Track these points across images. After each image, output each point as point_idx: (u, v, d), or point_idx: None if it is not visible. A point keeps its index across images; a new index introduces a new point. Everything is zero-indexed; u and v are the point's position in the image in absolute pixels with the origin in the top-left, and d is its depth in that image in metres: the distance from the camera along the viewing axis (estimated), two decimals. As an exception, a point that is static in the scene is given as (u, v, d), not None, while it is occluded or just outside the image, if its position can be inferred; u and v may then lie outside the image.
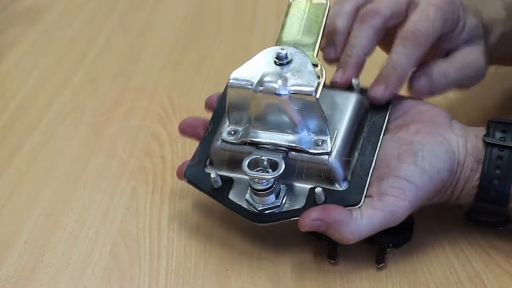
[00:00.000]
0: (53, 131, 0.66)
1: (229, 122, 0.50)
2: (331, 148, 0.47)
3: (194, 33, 0.84)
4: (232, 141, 0.49)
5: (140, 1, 0.94)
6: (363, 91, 0.52)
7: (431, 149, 0.47)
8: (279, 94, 0.46)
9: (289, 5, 0.53)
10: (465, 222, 0.51)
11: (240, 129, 0.49)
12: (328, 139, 0.47)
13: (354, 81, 0.51)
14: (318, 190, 0.46)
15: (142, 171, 0.59)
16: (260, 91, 0.46)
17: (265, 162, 0.46)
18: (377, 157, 0.48)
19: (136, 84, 0.74)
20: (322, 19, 0.51)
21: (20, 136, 0.65)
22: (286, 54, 0.47)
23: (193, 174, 0.50)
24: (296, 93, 0.46)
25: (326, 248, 0.49)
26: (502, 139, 0.47)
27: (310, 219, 0.45)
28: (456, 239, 0.51)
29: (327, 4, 0.52)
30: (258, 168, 0.46)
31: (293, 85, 0.46)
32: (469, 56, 0.53)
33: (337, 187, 0.47)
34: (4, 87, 0.74)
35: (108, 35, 0.85)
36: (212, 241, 0.51)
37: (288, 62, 0.47)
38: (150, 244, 0.51)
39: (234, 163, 0.49)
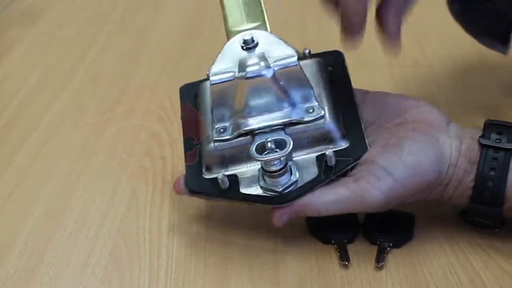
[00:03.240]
0: (53, 131, 0.66)
1: (214, 121, 0.49)
2: (324, 110, 0.48)
3: (194, 33, 0.84)
4: (227, 137, 0.48)
5: (140, 1, 0.94)
6: (314, 56, 0.53)
7: (420, 147, 0.47)
8: (264, 75, 0.46)
9: None
10: (465, 223, 0.51)
11: (227, 124, 0.49)
12: (316, 103, 0.48)
13: (305, 50, 0.52)
14: (329, 152, 0.47)
15: (142, 171, 0.59)
16: (246, 78, 0.46)
17: (271, 144, 0.46)
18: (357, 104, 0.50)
19: (136, 84, 0.74)
20: None
21: (20, 136, 0.65)
22: (252, 38, 0.47)
23: (194, 184, 0.49)
24: (281, 68, 0.46)
25: (337, 251, 0.49)
26: (497, 140, 0.47)
27: (278, 218, 0.47)
28: (456, 239, 0.51)
29: None
30: (265, 152, 0.46)
31: (275, 61, 0.47)
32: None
33: (341, 145, 0.48)
34: (4, 87, 0.74)
35: (108, 35, 0.85)
36: (212, 241, 0.51)
37: (257, 44, 0.47)
38: (150, 244, 0.51)
39: (234, 159, 0.48)
